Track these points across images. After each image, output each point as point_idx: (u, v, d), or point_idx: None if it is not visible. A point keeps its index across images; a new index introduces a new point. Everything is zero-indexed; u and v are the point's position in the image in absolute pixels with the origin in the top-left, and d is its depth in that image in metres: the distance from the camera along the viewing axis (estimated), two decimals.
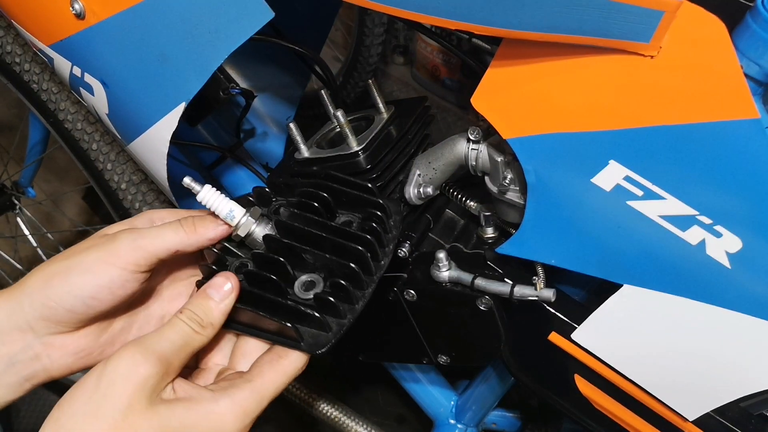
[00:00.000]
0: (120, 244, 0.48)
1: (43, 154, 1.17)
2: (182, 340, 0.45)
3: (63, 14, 0.57)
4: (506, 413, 0.96)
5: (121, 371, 0.42)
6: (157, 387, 0.42)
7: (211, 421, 0.43)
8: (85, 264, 0.47)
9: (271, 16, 0.49)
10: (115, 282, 0.47)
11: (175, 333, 0.45)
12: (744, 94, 0.43)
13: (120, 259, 0.47)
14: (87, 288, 0.47)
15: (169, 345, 0.44)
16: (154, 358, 0.42)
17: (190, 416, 0.42)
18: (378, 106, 0.67)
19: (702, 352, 0.53)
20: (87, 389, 0.42)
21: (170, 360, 0.43)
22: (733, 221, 0.47)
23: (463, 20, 0.45)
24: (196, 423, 0.42)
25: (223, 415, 0.43)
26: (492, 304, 0.61)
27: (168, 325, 0.46)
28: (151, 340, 0.44)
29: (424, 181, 0.64)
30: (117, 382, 0.41)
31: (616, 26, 0.43)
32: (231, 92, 0.71)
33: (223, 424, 0.43)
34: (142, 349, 0.43)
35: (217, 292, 0.48)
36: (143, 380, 0.42)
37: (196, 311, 0.47)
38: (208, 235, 0.50)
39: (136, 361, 0.42)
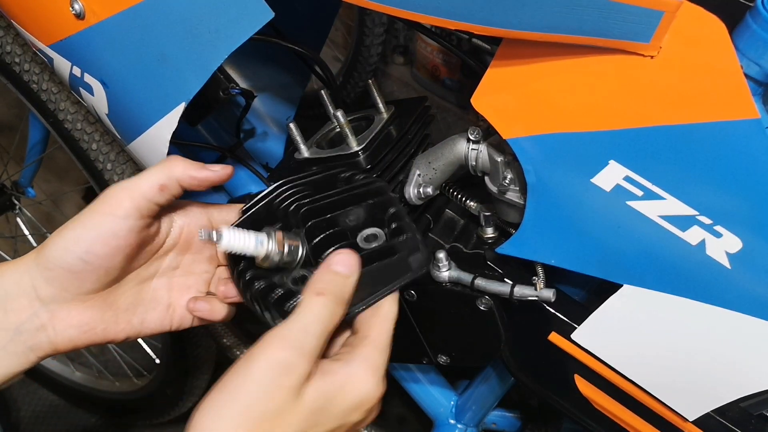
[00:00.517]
0: (109, 193, 0.48)
1: (42, 154, 1.17)
2: (325, 329, 0.43)
3: (63, 14, 0.57)
4: (506, 413, 0.96)
5: (270, 376, 0.41)
6: (303, 383, 0.42)
7: (352, 385, 0.43)
8: (78, 220, 0.47)
9: (271, 16, 0.49)
10: (106, 231, 0.47)
11: (318, 324, 0.43)
12: (744, 94, 0.43)
13: (110, 206, 0.47)
14: (80, 242, 0.47)
15: (315, 340, 0.42)
16: (305, 359, 0.41)
17: (333, 389, 0.43)
18: (378, 106, 0.67)
19: (702, 352, 0.53)
20: (233, 392, 0.41)
21: (316, 354, 0.43)
22: (733, 221, 0.47)
23: (463, 20, 0.45)
24: (339, 393, 0.43)
25: (360, 377, 0.43)
26: (492, 304, 0.61)
27: (308, 312, 0.43)
28: (296, 336, 0.42)
29: (424, 181, 0.64)
30: (268, 387, 0.40)
31: (616, 26, 0.43)
32: (231, 92, 0.71)
33: (364, 384, 0.44)
34: (290, 352, 0.41)
35: (346, 266, 0.45)
36: (295, 383, 0.41)
37: (333, 291, 0.44)
38: (191, 172, 0.49)
39: (286, 364, 0.41)
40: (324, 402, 0.42)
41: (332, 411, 0.43)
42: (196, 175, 0.49)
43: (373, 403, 0.44)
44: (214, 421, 0.40)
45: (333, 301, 0.44)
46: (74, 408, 1.40)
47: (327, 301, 0.43)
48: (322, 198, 0.51)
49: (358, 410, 0.44)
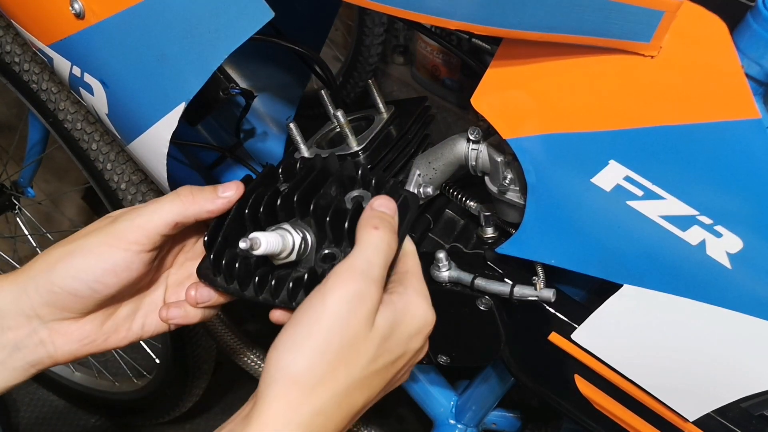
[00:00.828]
0: (120, 225, 0.48)
1: (42, 154, 1.17)
2: (385, 258, 0.45)
3: (63, 14, 0.57)
4: (506, 413, 0.96)
5: (347, 306, 0.42)
6: (375, 311, 0.44)
7: (413, 312, 0.46)
8: (88, 248, 0.47)
9: (271, 16, 0.49)
10: (119, 264, 0.47)
11: (380, 254, 0.45)
12: (745, 94, 0.43)
13: (121, 240, 0.47)
14: (91, 272, 0.47)
15: (379, 269, 0.44)
16: (375, 286, 0.44)
17: (398, 316, 0.45)
18: (378, 106, 0.67)
19: (702, 353, 0.53)
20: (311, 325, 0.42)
21: (382, 282, 0.45)
22: (734, 221, 0.47)
23: (463, 20, 0.45)
24: (403, 319, 0.45)
25: (417, 304, 0.46)
26: (492, 304, 0.61)
27: (369, 244, 0.45)
28: (364, 267, 0.44)
29: (424, 181, 0.64)
30: (345, 317, 0.42)
31: (616, 26, 0.42)
32: (231, 92, 0.71)
33: (422, 310, 0.46)
34: (362, 282, 0.43)
35: (388, 208, 0.48)
36: (369, 311, 0.43)
37: (386, 225, 0.46)
38: (207, 206, 0.50)
39: (360, 294, 0.43)
40: (392, 328, 0.44)
41: (399, 337, 0.45)
42: (212, 209, 0.50)
43: (430, 328, 0.47)
44: (295, 355, 0.41)
45: (389, 233, 0.46)
46: (74, 408, 1.40)
47: (383, 234, 0.45)
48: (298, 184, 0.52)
49: (419, 335, 0.46)
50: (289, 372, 0.41)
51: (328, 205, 0.49)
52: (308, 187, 0.51)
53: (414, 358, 0.48)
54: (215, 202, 0.50)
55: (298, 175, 0.54)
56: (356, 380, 0.42)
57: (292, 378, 0.41)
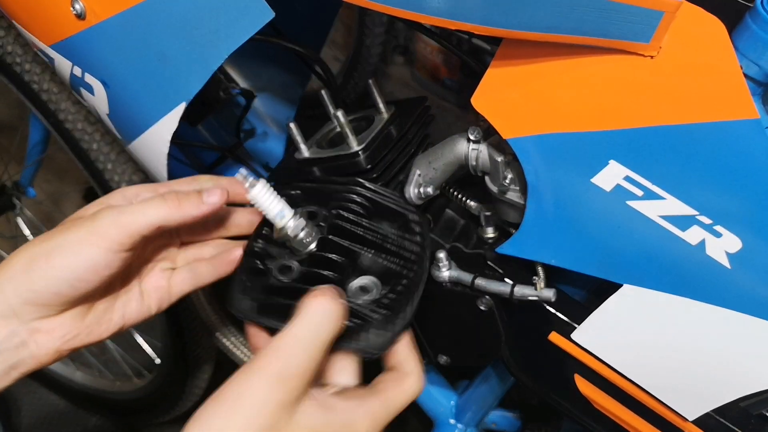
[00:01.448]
0: (102, 223, 0.47)
1: (43, 154, 1.17)
2: (321, 342, 0.43)
3: (64, 14, 0.57)
4: (506, 413, 0.96)
5: (261, 395, 0.40)
6: (298, 400, 0.41)
7: (348, 428, 0.43)
8: (67, 245, 0.47)
9: (271, 16, 0.49)
10: (99, 263, 0.47)
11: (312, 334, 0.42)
12: (744, 94, 0.43)
13: (103, 239, 0.47)
14: (72, 270, 0.46)
15: (307, 354, 0.42)
16: (293, 378, 0.41)
17: (331, 423, 0.42)
18: (378, 106, 0.67)
19: (702, 352, 0.53)
20: (232, 409, 0.40)
21: (312, 369, 0.42)
22: (733, 221, 0.47)
23: (463, 20, 0.45)
24: (336, 429, 0.43)
25: (358, 424, 0.43)
26: (492, 304, 0.61)
27: (302, 323, 0.42)
28: (287, 352, 0.41)
29: (424, 181, 0.64)
30: (261, 408, 0.40)
31: (615, 26, 0.43)
32: (231, 92, 0.71)
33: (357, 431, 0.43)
34: (279, 372, 0.41)
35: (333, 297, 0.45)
36: (284, 403, 0.40)
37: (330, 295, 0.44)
38: (192, 212, 0.49)
39: (275, 386, 0.40)
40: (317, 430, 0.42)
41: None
42: (196, 215, 0.49)
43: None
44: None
45: (331, 305, 0.43)
46: (74, 408, 1.40)
47: (325, 304, 0.43)
48: (359, 225, 0.51)
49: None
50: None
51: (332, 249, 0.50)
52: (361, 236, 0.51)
53: None
54: (200, 208, 0.49)
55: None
56: None
57: None
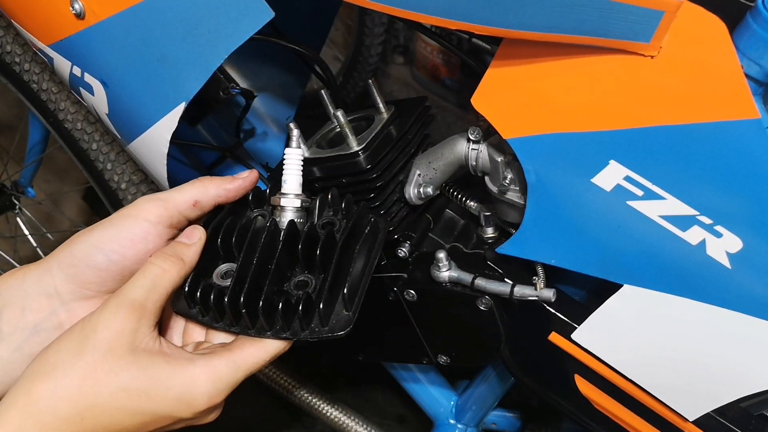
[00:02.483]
0: (140, 202, 0.50)
1: (42, 154, 1.17)
2: (152, 282, 0.46)
3: (63, 14, 0.57)
4: (506, 413, 0.96)
5: (101, 319, 0.44)
6: (136, 332, 0.45)
7: (185, 378, 0.45)
8: (108, 222, 0.49)
9: (271, 16, 0.49)
10: (136, 234, 0.49)
11: (144, 278, 0.46)
12: (744, 94, 0.43)
13: (141, 211, 0.49)
14: (108, 240, 0.48)
15: (141, 290, 0.45)
16: (128, 305, 0.45)
17: (166, 370, 0.44)
18: (378, 106, 0.67)
19: (702, 352, 0.53)
20: (72, 334, 0.44)
21: (144, 304, 0.45)
22: (734, 221, 0.47)
23: (463, 20, 0.45)
24: (170, 376, 0.44)
25: (196, 376, 0.45)
26: (492, 304, 0.61)
27: (138, 272, 0.47)
28: (126, 290, 0.46)
29: (424, 181, 0.64)
30: (98, 329, 0.44)
31: (616, 26, 0.43)
32: (231, 92, 0.71)
33: (195, 383, 0.45)
34: (117, 300, 0.45)
35: (188, 237, 0.50)
36: (121, 327, 0.44)
37: (165, 251, 0.48)
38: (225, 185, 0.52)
39: (112, 311, 0.44)
40: (154, 375, 0.44)
41: (162, 390, 0.44)
42: (229, 187, 0.52)
43: (201, 409, 0.45)
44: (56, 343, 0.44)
45: (161, 259, 0.47)
46: None
47: (154, 259, 0.47)
48: None
49: (188, 407, 0.45)
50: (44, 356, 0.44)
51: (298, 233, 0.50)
52: None
53: (175, 424, 0.47)
54: (234, 183, 0.52)
55: None
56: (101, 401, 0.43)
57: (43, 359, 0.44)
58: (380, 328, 0.73)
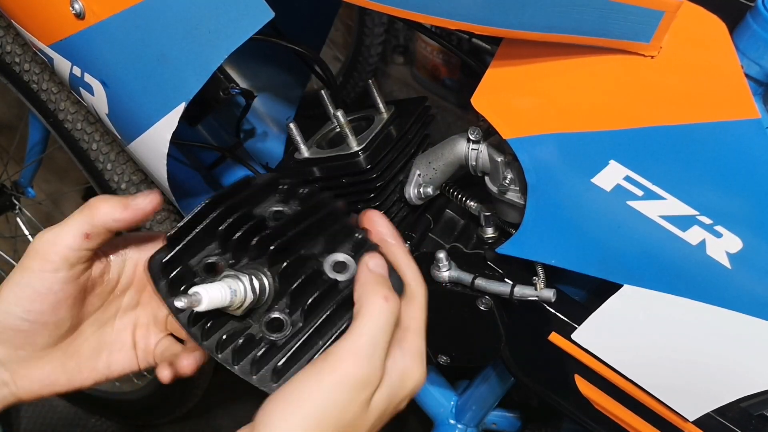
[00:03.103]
0: (33, 246, 0.45)
1: (42, 154, 1.17)
2: (389, 336, 0.41)
3: (63, 14, 0.57)
4: (506, 413, 0.96)
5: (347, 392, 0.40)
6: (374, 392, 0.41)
7: (409, 379, 0.43)
8: (11, 278, 0.45)
9: (271, 16, 0.49)
10: (39, 289, 0.44)
11: (387, 333, 0.41)
12: (744, 94, 0.43)
13: (35, 261, 0.44)
14: (18, 302, 0.45)
15: (384, 351, 0.41)
16: (378, 371, 0.41)
17: (394, 389, 0.43)
18: (378, 106, 0.67)
19: (702, 352, 0.53)
20: (306, 397, 0.39)
21: (384, 362, 0.42)
22: (734, 221, 0.47)
23: (463, 20, 0.45)
24: (399, 390, 0.43)
25: (413, 370, 0.43)
26: (492, 304, 0.61)
27: (376, 323, 0.41)
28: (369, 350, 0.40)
29: (424, 181, 0.64)
30: (344, 402, 0.40)
31: (616, 26, 0.43)
32: (231, 92, 0.71)
33: (417, 375, 0.44)
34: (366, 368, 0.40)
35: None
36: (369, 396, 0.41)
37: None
38: (114, 215, 0.45)
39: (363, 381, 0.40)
40: (388, 403, 0.42)
41: (393, 406, 0.43)
42: (119, 218, 0.45)
43: (420, 387, 0.45)
44: (283, 422, 0.39)
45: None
46: (74, 408, 1.40)
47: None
48: (286, 229, 0.46)
49: (410, 396, 0.44)
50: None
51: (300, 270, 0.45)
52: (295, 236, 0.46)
53: (400, 405, 0.45)
54: (125, 211, 0.45)
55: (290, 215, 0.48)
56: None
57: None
58: None
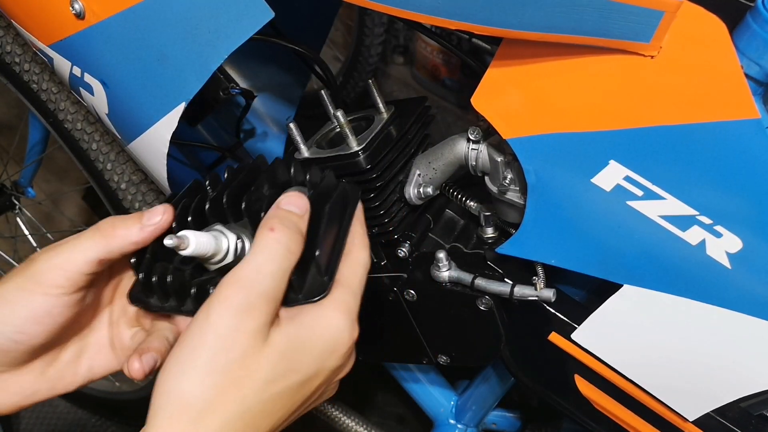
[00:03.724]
0: (38, 267, 0.43)
1: (42, 154, 1.17)
2: (280, 267, 0.40)
3: (63, 14, 0.57)
4: (506, 413, 0.96)
5: (229, 321, 0.38)
6: (267, 326, 0.39)
7: (324, 327, 0.41)
8: (4, 296, 0.43)
9: (271, 16, 0.49)
10: (38, 311, 0.43)
11: (272, 262, 0.40)
12: (744, 94, 0.43)
13: (40, 284, 0.42)
14: (10, 322, 0.43)
15: (271, 280, 0.39)
16: (262, 299, 0.39)
17: (303, 332, 0.40)
18: (378, 106, 0.67)
19: (702, 352, 0.53)
20: (194, 346, 0.38)
21: (275, 294, 0.40)
22: (733, 221, 0.47)
23: (463, 20, 0.45)
24: (310, 335, 0.41)
25: (331, 318, 0.41)
26: (492, 304, 0.61)
27: (262, 250, 0.40)
28: (252, 276, 0.39)
29: (424, 181, 0.64)
30: (229, 333, 0.38)
31: (616, 26, 0.43)
32: (231, 92, 0.71)
33: (336, 325, 0.42)
34: (246, 294, 0.38)
35: (297, 206, 0.43)
36: (258, 326, 0.39)
37: (286, 226, 0.41)
38: (132, 238, 0.44)
39: (244, 307, 0.38)
40: (295, 345, 0.40)
41: (306, 354, 0.40)
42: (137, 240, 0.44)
43: (348, 346, 0.42)
44: (179, 379, 0.37)
45: (288, 235, 0.41)
46: (74, 408, 1.40)
47: (281, 236, 0.40)
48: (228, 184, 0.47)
49: (334, 354, 0.42)
50: (175, 397, 0.37)
51: (260, 204, 0.45)
52: (237, 188, 0.46)
53: (332, 376, 0.43)
54: (142, 232, 0.44)
55: (226, 180, 0.49)
56: (253, 405, 0.38)
57: (179, 404, 0.37)
58: (380, 329, 0.73)
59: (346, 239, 0.47)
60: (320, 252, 0.44)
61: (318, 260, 0.44)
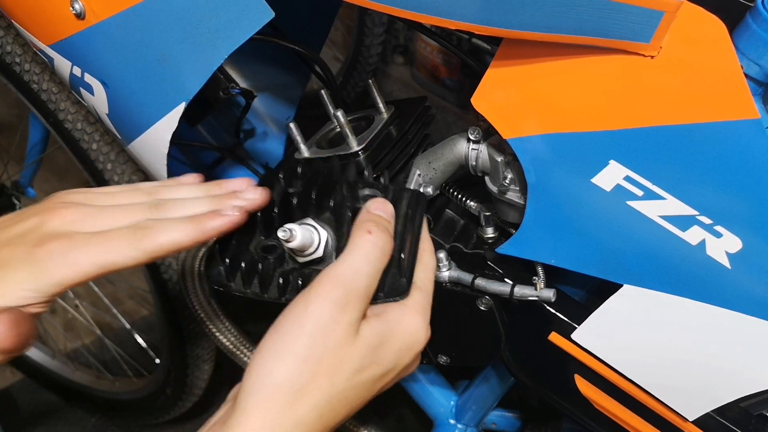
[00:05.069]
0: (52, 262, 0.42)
1: (43, 154, 1.17)
2: (374, 268, 0.44)
3: (63, 14, 0.57)
4: (506, 413, 0.96)
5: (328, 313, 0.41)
6: (359, 321, 0.42)
7: (405, 326, 0.44)
8: None
9: (271, 16, 0.49)
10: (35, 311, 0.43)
11: (369, 264, 0.43)
12: (744, 94, 0.43)
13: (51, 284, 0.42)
14: None
15: (366, 279, 0.43)
16: (358, 297, 0.42)
17: (387, 329, 0.44)
18: (378, 106, 0.67)
19: (702, 352, 0.53)
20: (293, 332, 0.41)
21: (368, 293, 0.43)
22: (733, 221, 0.47)
23: (463, 20, 0.45)
24: (393, 332, 0.44)
25: (411, 318, 0.45)
26: (492, 304, 0.61)
27: (358, 251, 0.43)
28: (349, 275, 0.42)
29: (424, 181, 0.64)
30: (327, 324, 0.41)
31: (616, 26, 0.43)
32: (231, 92, 0.71)
33: (415, 325, 0.45)
34: (344, 290, 0.42)
35: (385, 211, 0.47)
36: (353, 320, 0.42)
37: (380, 230, 0.45)
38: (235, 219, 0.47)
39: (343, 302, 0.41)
40: (380, 340, 0.43)
41: (388, 349, 0.44)
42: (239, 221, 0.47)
43: (423, 345, 0.46)
44: (276, 363, 0.40)
45: (382, 238, 0.44)
46: (74, 408, 1.40)
47: (376, 239, 0.44)
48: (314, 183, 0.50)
49: (410, 351, 0.45)
50: (271, 380, 0.40)
51: (344, 204, 0.48)
52: (323, 185, 0.50)
53: (402, 373, 0.46)
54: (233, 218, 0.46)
55: (307, 176, 0.53)
56: (339, 391, 0.41)
57: (274, 386, 0.39)
58: None
59: (419, 243, 0.50)
60: (404, 255, 0.47)
61: (402, 262, 0.47)
